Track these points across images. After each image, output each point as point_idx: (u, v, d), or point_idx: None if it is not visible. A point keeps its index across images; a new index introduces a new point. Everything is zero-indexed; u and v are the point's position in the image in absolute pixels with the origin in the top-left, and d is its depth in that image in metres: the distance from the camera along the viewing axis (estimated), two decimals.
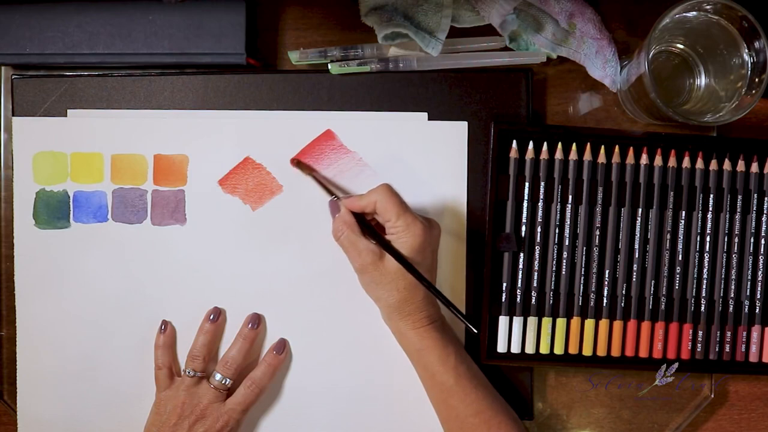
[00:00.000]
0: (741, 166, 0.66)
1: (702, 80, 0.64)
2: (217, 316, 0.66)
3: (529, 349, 0.66)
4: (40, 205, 0.66)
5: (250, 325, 0.65)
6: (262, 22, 0.68)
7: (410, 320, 0.61)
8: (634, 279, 0.66)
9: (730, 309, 0.67)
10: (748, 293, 0.67)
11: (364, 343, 0.66)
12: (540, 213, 0.66)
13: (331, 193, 0.64)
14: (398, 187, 0.66)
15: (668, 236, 0.66)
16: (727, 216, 0.66)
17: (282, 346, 0.66)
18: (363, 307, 0.65)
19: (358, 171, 0.66)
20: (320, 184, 0.65)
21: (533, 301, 0.66)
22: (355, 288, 0.65)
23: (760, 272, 0.66)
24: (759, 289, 0.66)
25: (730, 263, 0.66)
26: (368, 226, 0.62)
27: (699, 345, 0.66)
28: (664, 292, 0.66)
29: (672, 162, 0.66)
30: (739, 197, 0.66)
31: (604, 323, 0.66)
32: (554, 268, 0.66)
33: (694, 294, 0.66)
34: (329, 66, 0.66)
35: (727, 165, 0.66)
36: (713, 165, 0.66)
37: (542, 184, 0.66)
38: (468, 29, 0.66)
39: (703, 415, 0.69)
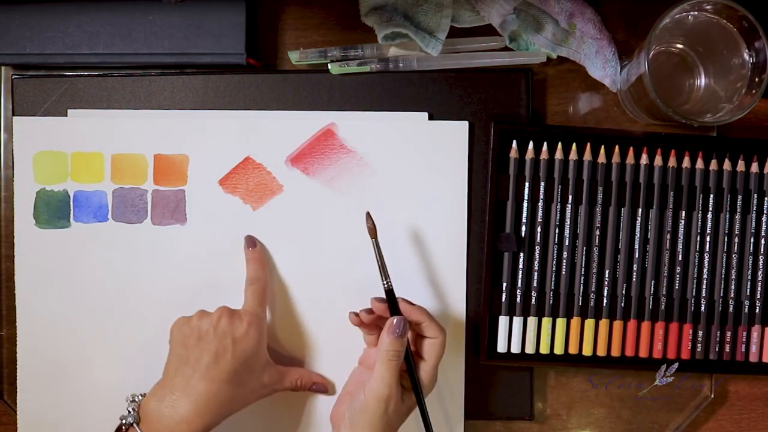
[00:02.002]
0: (741, 166, 0.66)
1: (702, 80, 0.64)
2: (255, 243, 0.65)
3: (529, 349, 0.66)
4: (40, 204, 0.67)
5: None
6: (262, 22, 0.68)
7: None
8: (634, 279, 0.66)
9: (730, 309, 0.67)
10: (748, 293, 0.67)
11: (361, 343, 0.66)
12: (540, 213, 0.66)
13: (389, 289, 0.61)
14: (399, 187, 0.66)
15: (668, 236, 0.66)
16: (727, 216, 0.66)
17: (251, 240, 0.65)
18: (361, 308, 0.65)
19: (359, 170, 0.66)
20: (381, 266, 0.61)
21: (533, 301, 0.66)
22: (354, 288, 0.66)
23: (760, 272, 0.66)
24: (759, 289, 0.67)
25: (730, 263, 0.66)
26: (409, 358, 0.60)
27: (699, 345, 0.66)
28: (664, 292, 0.66)
29: (672, 162, 0.66)
30: (739, 197, 0.66)
31: (604, 323, 0.66)
32: (554, 268, 0.66)
33: (694, 294, 0.66)
34: (329, 66, 0.66)
35: (727, 165, 0.66)
36: (713, 165, 0.66)
37: (542, 184, 0.66)
38: (468, 29, 0.66)
39: (703, 415, 0.69)
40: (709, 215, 0.66)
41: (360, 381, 0.61)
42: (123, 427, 0.58)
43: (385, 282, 0.60)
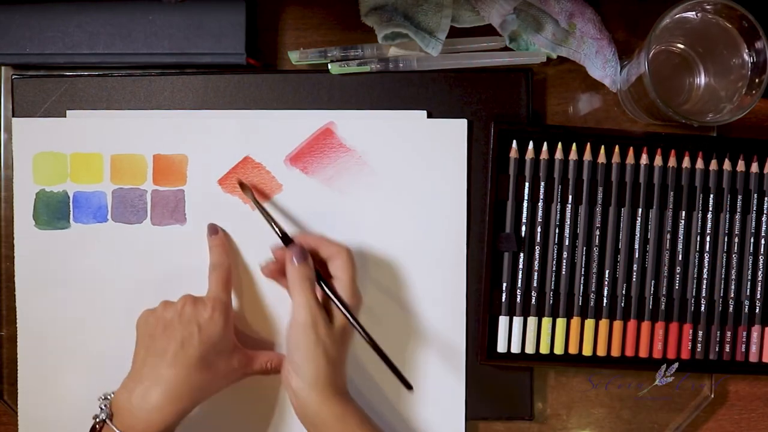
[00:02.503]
0: (741, 166, 0.66)
1: (702, 80, 0.64)
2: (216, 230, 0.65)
3: (529, 349, 0.66)
4: (40, 205, 0.66)
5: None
6: (262, 22, 0.68)
7: (334, 387, 0.58)
8: (634, 279, 0.66)
9: (730, 309, 0.67)
10: (748, 293, 0.67)
11: (364, 342, 0.66)
12: (540, 213, 0.66)
13: (282, 231, 0.62)
14: (398, 186, 0.66)
15: (668, 236, 0.66)
16: (727, 216, 0.66)
17: (213, 228, 0.65)
18: (363, 306, 0.65)
19: (358, 169, 0.66)
20: (268, 218, 0.62)
21: (533, 301, 0.66)
22: None
23: (760, 272, 0.66)
24: (759, 289, 0.66)
25: (730, 263, 0.66)
26: (320, 275, 0.60)
27: (699, 345, 0.66)
28: (664, 292, 0.66)
29: (672, 162, 0.66)
30: (739, 197, 0.66)
31: (604, 323, 0.66)
32: (554, 268, 0.66)
33: (694, 294, 0.66)
34: (329, 66, 0.66)
35: (727, 165, 0.66)
36: (713, 165, 0.66)
37: (542, 184, 0.66)
38: (468, 29, 0.66)
39: (703, 415, 0.69)
40: (709, 215, 0.66)
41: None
42: (97, 426, 0.58)
43: (275, 229, 0.61)
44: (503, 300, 0.66)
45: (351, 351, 0.62)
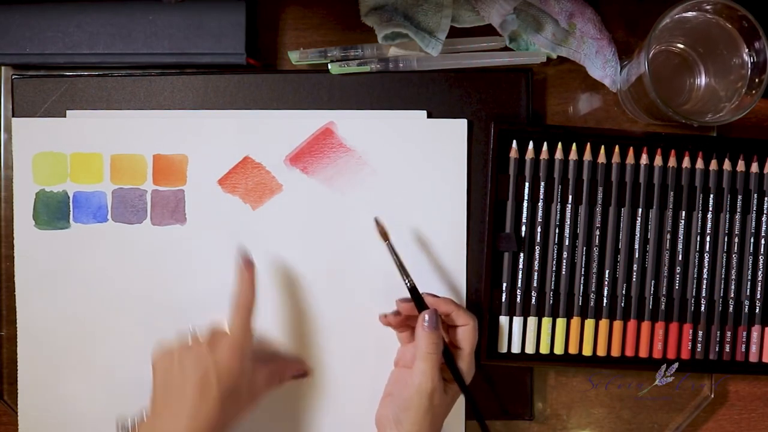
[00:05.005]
0: (741, 166, 0.66)
1: (702, 80, 0.64)
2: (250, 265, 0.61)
3: (529, 349, 0.66)
4: (39, 205, 0.67)
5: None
6: (262, 22, 0.68)
7: None
8: (634, 279, 0.66)
9: (730, 309, 0.67)
10: (748, 293, 0.67)
11: (363, 342, 0.66)
12: (540, 213, 0.66)
13: (414, 288, 0.61)
14: (398, 185, 0.66)
15: (668, 236, 0.66)
16: (727, 216, 0.66)
17: (248, 261, 0.61)
18: (362, 306, 0.65)
19: (358, 169, 0.66)
20: (402, 271, 0.61)
21: (533, 301, 0.66)
22: (354, 288, 0.66)
23: (760, 272, 0.66)
24: (759, 289, 0.66)
25: (730, 263, 0.66)
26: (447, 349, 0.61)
27: (699, 345, 0.66)
28: (664, 292, 0.66)
29: (672, 162, 0.66)
30: (739, 197, 0.66)
31: (604, 323, 0.66)
32: (554, 268, 0.66)
33: (694, 294, 0.66)
34: (329, 66, 0.66)
35: (727, 165, 0.66)
36: (713, 165, 0.66)
37: (542, 184, 0.66)
38: (468, 29, 0.66)
39: (703, 415, 0.69)
40: (709, 215, 0.66)
41: (399, 380, 0.62)
42: None
43: (406, 281, 0.61)
44: (503, 300, 0.66)
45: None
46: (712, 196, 0.66)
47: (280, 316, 0.66)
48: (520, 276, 0.66)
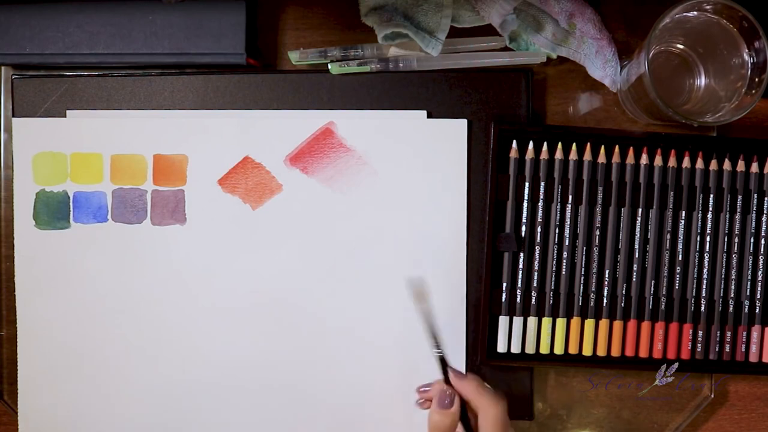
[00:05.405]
0: (741, 166, 0.66)
1: (702, 80, 0.64)
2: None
3: (529, 349, 0.66)
4: (39, 205, 0.67)
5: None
6: (262, 22, 0.68)
7: None
8: (634, 279, 0.66)
9: (730, 309, 0.67)
10: (748, 293, 0.67)
11: (365, 343, 0.66)
12: (540, 213, 0.66)
13: (444, 363, 0.59)
14: (398, 185, 0.66)
15: (668, 236, 0.66)
16: (727, 216, 0.66)
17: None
18: (363, 307, 0.65)
19: (358, 169, 0.66)
20: (433, 335, 0.59)
21: (533, 301, 0.66)
22: (355, 288, 0.66)
23: (760, 272, 0.66)
24: (759, 289, 0.66)
25: (730, 263, 0.66)
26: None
27: (699, 345, 0.66)
28: (664, 292, 0.66)
29: (672, 162, 0.66)
30: (739, 197, 0.66)
31: (604, 323, 0.66)
32: (554, 268, 0.66)
33: (694, 294, 0.66)
34: (329, 66, 0.66)
35: (727, 165, 0.66)
36: (713, 165, 0.66)
37: (542, 184, 0.66)
38: (468, 29, 0.66)
39: (703, 415, 0.69)
40: (709, 215, 0.66)
41: None
42: None
43: (436, 351, 0.59)
44: (503, 300, 0.66)
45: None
46: (712, 196, 0.66)
47: (279, 317, 0.66)
48: (520, 276, 0.66)
